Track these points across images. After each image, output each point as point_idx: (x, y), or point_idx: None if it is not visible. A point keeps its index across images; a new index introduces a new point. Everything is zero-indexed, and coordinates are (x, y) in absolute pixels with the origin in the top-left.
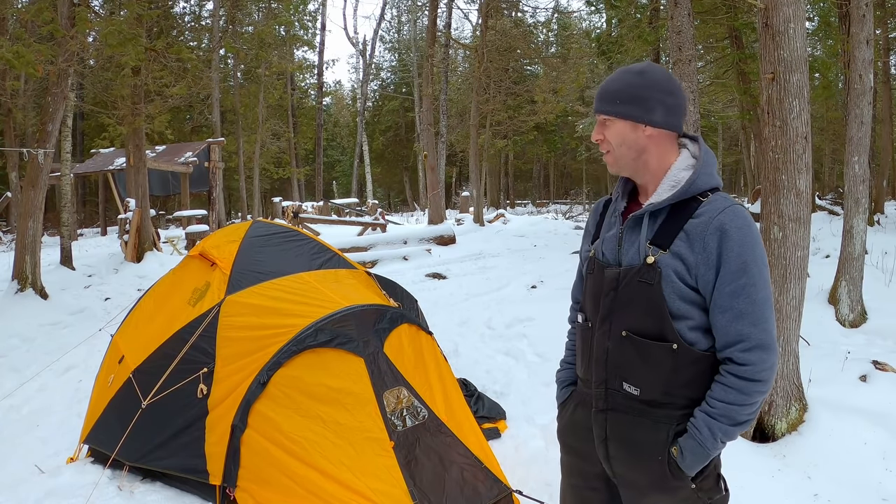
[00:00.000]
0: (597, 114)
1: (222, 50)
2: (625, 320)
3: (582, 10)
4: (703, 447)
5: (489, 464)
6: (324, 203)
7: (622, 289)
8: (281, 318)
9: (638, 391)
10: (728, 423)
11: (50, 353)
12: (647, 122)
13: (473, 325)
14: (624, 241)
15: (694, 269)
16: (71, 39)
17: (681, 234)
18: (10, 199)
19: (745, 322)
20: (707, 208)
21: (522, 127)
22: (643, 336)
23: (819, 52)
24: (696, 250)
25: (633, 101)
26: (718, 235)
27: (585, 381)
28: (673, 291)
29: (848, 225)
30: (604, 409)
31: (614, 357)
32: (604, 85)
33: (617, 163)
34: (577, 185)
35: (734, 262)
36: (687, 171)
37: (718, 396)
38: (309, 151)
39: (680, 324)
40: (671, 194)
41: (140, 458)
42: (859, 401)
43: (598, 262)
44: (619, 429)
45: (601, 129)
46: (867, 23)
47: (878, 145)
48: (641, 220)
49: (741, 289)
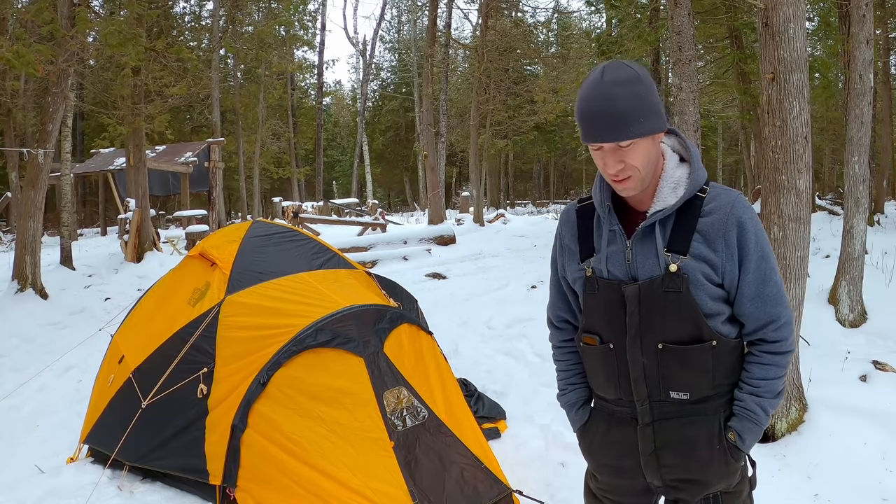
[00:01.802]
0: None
1: (222, 50)
2: (658, 333)
3: (582, 10)
4: (758, 425)
5: (489, 464)
6: (324, 203)
7: (647, 303)
8: (281, 318)
9: (687, 395)
10: (772, 396)
11: (50, 353)
12: (664, 128)
13: (473, 325)
14: (635, 255)
15: (720, 268)
16: (71, 39)
17: (696, 236)
18: (10, 199)
19: (774, 304)
20: (715, 205)
21: (522, 127)
22: (680, 343)
23: (819, 52)
24: (718, 249)
25: (652, 113)
26: (737, 229)
27: (617, 400)
28: (704, 294)
29: (848, 225)
30: (650, 422)
31: (654, 372)
32: (606, 106)
33: (642, 184)
34: (577, 185)
35: (754, 251)
36: (681, 169)
37: (759, 375)
38: (309, 151)
39: (713, 321)
40: (678, 197)
41: (140, 458)
42: (859, 401)
43: (604, 280)
44: (670, 435)
45: (618, 157)
46: (867, 23)
47: (878, 145)
48: (652, 228)
49: (765, 275)
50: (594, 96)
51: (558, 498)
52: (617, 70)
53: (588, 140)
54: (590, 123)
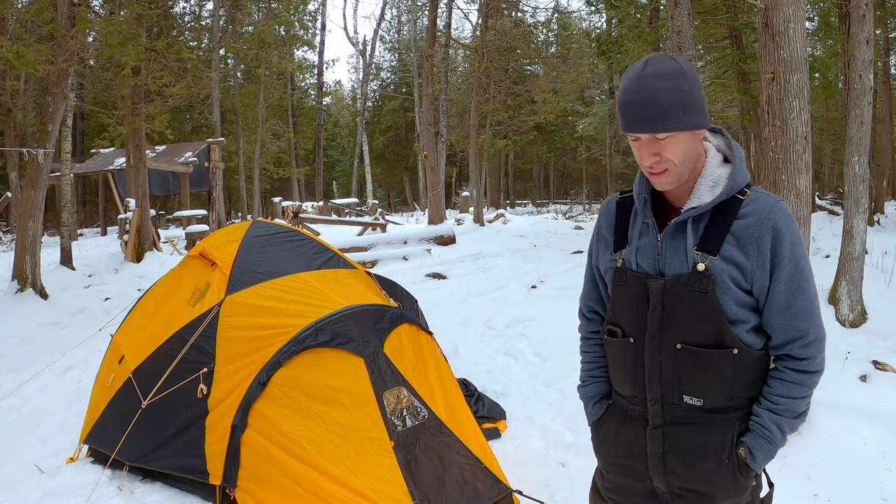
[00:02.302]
0: (650, 134)
1: (222, 50)
2: (678, 333)
3: (582, 10)
4: (772, 444)
5: (489, 464)
6: (324, 203)
7: (671, 300)
8: (281, 318)
9: (701, 402)
10: (791, 417)
11: (50, 353)
12: (705, 125)
13: (473, 325)
14: (665, 249)
15: (750, 273)
16: (71, 39)
17: (728, 238)
18: (10, 199)
19: (804, 318)
20: (752, 208)
21: (522, 127)
22: (701, 346)
23: (819, 52)
24: (749, 254)
25: (693, 108)
26: (772, 236)
27: (632, 398)
28: (730, 298)
29: (848, 225)
30: (660, 424)
31: (670, 372)
32: (645, 97)
33: (678, 179)
34: (577, 185)
35: (789, 261)
36: (722, 169)
37: (780, 392)
38: (309, 151)
39: (737, 328)
40: (715, 195)
41: (140, 458)
42: (859, 401)
43: (632, 272)
44: (680, 441)
45: (654, 149)
46: (867, 23)
47: (878, 145)
48: (684, 225)
49: (797, 287)
50: (634, 87)
51: (558, 498)
52: (660, 62)
53: (626, 130)
54: (628, 113)
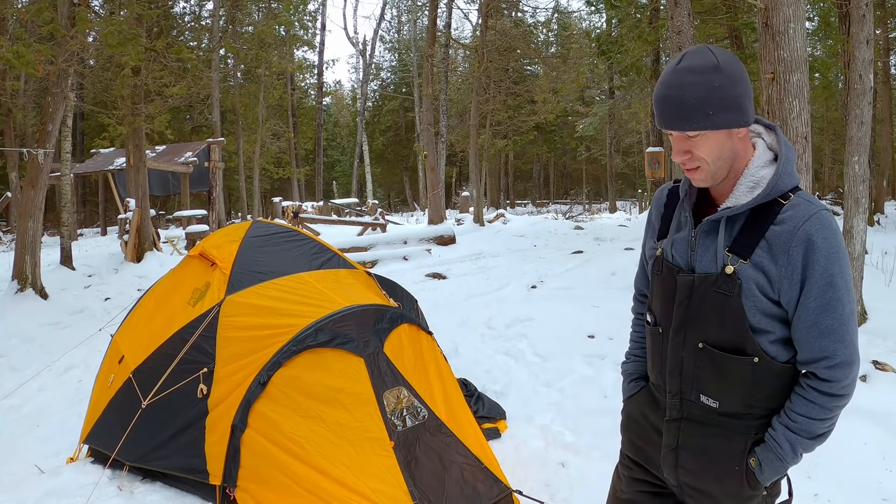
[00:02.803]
0: (679, 131)
1: (222, 50)
2: (701, 331)
3: (582, 10)
4: (782, 461)
5: (489, 464)
6: (324, 203)
7: (697, 298)
8: (281, 318)
9: (717, 404)
10: (807, 437)
11: (50, 353)
12: (742, 124)
13: (473, 325)
14: (697, 246)
15: (777, 283)
16: (71, 39)
17: (762, 244)
18: (10, 199)
19: (832, 339)
20: (791, 214)
21: (522, 127)
22: (721, 349)
23: (819, 52)
24: (779, 263)
25: (727, 106)
26: (804, 247)
27: (658, 386)
28: (754, 305)
29: (848, 225)
30: (677, 418)
31: (690, 369)
32: (675, 93)
33: (713, 177)
34: (577, 185)
35: (821, 276)
36: (767, 169)
37: (799, 410)
38: (309, 151)
39: (760, 337)
40: (752, 197)
41: (140, 458)
42: (859, 401)
43: (668, 263)
44: (693, 439)
45: (685, 146)
46: (867, 23)
47: (878, 145)
48: (717, 224)
49: (828, 304)
50: (666, 82)
51: (558, 498)
52: (696, 56)
53: (658, 125)
54: (660, 109)
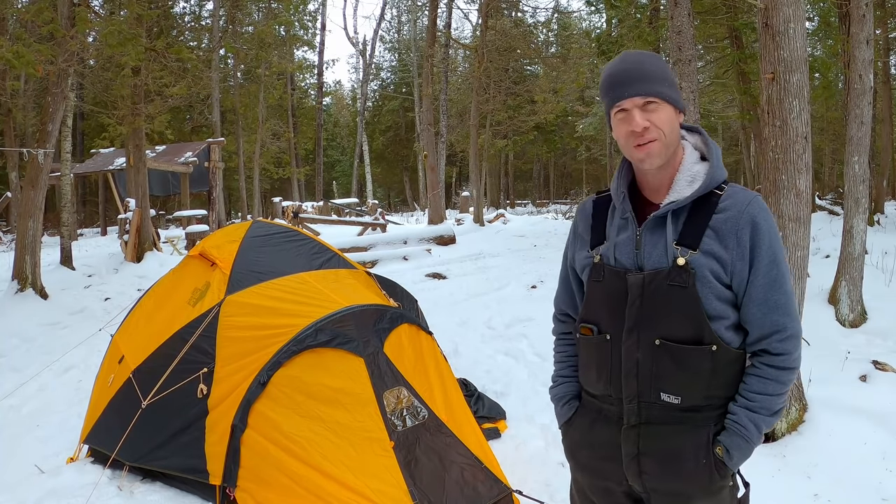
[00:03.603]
0: (641, 97)
1: (222, 50)
2: (657, 328)
3: (582, 10)
4: (748, 442)
5: (489, 464)
6: (324, 203)
7: (650, 295)
8: (281, 318)
9: (679, 399)
10: (767, 414)
11: (50, 353)
12: (682, 109)
13: (473, 325)
14: (644, 244)
15: (730, 266)
16: (71, 39)
17: (708, 232)
18: (10, 199)
19: (781, 313)
20: (731, 202)
21: (522, 127)
22: (679, 342)
23: (819, 52)
24: (730, 247)
25: (673, 86)
26: (751, 228)
27: (605, 397)
28: (710, 292)
29: (848, 225)
30: (636, 423)
31: (647, 368)
32: (635, 65)
33: (665, 153)
34: (577, 185)
35: (766, 254)
36: (700, 165)
37: (756, 389)
38: (309, 151)
39: (717, 324)
40: (694, 189)
41: (140, 458)
42: (859, 401)
43: (610, 268)
44: (655, 441)
45: (645, 115)
46: (867, 23)
47: (878, 145)
48: (663, 219)
49: (774, 281)
50: (620, 62)
51: (558, 498)
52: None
53: (615, 98)
54: (618, 81)
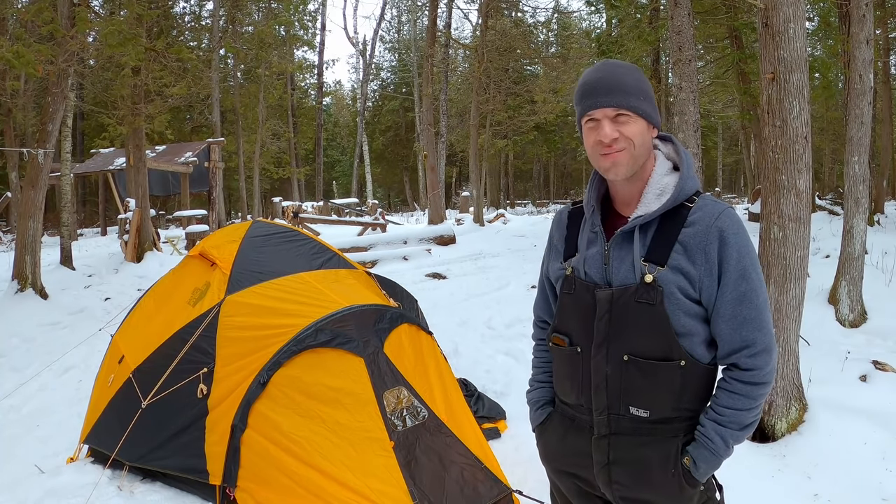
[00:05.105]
0: (612, 108)
1: (222, 50)
2: (625, 344)
3: (582, 10)
4: (715, 455)
5: (489, 464)
6: (324, 203)
7: (618, 311)
8: (281, 318)
9: (647, 413)
10: (736, 429)
11: (50, 353)
12: (657, 123)
13: (473, 325)
14: (612, 259)
15: (698, 282)
16: (71, 39)
17: (676, 247)
18: (10, 199)
19: (750, 328)
20: (700, 215)
21: (522, 127)
22: (648, 358)
23: (819, 52)
24: (697, 262)
25: (649, 100)
26: (718, 243)
27: (578, 406)
28: (678, 308)
29: (848, 225)
30: (606, 434)
31: (616, 383)
32: (611, 77)
33: (634, 164)
34: (577, 185)
35: (735, 268)
36: (670, 177)
37: (726, 403)
38: (309, 151)
39: (686, 340)
40: (661, 204)
41: (140, 458)
42: (859, 401)
43: (581, 281)
44: (625, 452)
45: (615, 126)
46: (867, 23)
47: (878, 145)
48: (631, 234)
49: (743, 295)
50: (596, 70)
51: None
52: (620, 62)
53: (587, 107)
54: (592, 90)
